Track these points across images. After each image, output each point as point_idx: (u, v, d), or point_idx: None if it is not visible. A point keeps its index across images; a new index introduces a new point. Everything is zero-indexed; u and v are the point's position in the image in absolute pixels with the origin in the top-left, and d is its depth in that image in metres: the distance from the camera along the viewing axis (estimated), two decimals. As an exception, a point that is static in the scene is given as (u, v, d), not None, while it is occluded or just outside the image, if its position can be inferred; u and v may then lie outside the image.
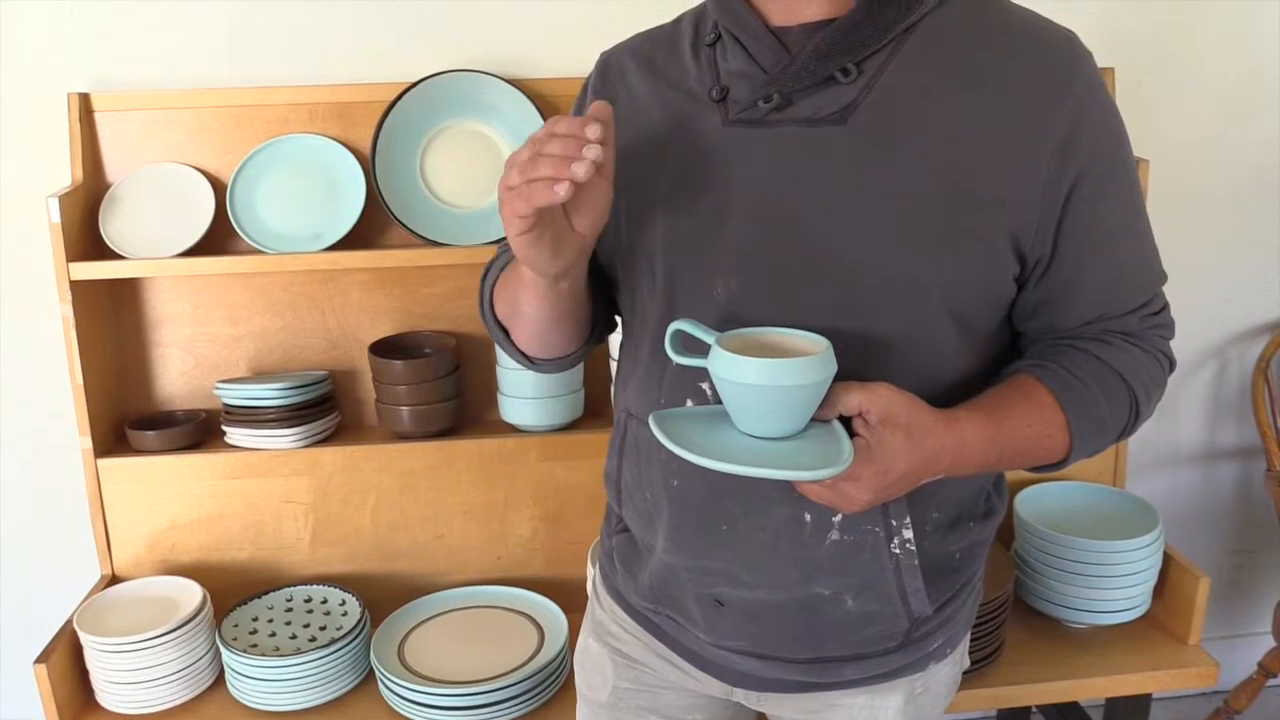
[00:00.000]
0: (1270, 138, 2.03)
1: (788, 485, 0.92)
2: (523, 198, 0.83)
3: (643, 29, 1.09)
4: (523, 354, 1.09)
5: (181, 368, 1.87)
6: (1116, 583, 1.69)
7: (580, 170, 0.81)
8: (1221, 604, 2.30)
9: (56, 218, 1.65)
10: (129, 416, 1.84)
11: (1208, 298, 2.10)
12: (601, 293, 1.08)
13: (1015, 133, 0.89)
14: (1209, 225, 2.06)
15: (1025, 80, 0.89)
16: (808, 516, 0.95)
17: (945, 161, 0.88)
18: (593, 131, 0.81)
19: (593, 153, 0.81)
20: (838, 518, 0.95)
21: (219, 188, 1.78)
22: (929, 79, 0.90)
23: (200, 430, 1.83)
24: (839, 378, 0.86)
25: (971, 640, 1.33)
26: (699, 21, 1.02)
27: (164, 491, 1.79)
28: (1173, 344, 1.02)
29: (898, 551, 0.97)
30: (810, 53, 0.91)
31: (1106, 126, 0.92)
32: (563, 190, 0.81)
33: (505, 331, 1.08)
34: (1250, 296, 2.12)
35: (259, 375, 1.86)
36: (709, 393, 0.95)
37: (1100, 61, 1.88)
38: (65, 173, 1.77)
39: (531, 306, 1.00)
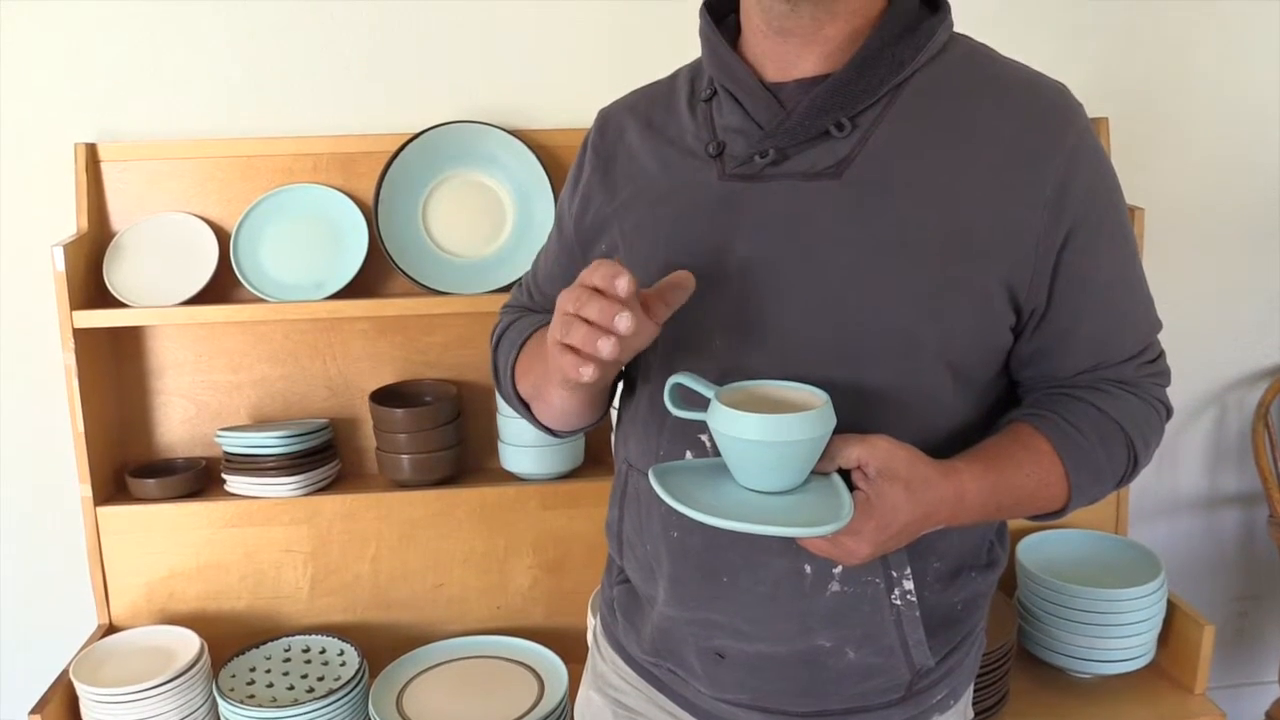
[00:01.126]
0: (1264, 185, 2.05)
1: (788, 538, 0.92)
2: (556, 368, 0.86)
3: (641, 81, 1.11)
4: (545, 427, 1.10)
5: (183, 415, 1.87)
6: (1121, 631, 1.68)
7: (606, 349, 0.81)
8: (1227, 652, 2.28)
9: (61, 266, 1.66)
10: (129, 464, 1.84)
11: (1206, 344, 2.10)
12: None
13: (1009, 185, 0.90)
14: (1206, 272, 2.07)
15: (1018, 133, 0.91)
16: (808, 568, 0.95)
17: (940, 214, 0.89)
18: (622, 286, 0.81)
19: (623, 324, 0.81)
20: (838, 569, 0.95)
21: (223, 237, 1.79)
22: (922, 133, 0.91)
23: (200, 478, 1.83)
24: (837, 430, 0.86)
25: (975, 691, 1.32)
26: (695, 78, 1.04)
27: (163, 540, 1.78)
28: (1172, 390, 1.02)
29: (899, 603, 0.97)
30: (805, 108, 0.92)
31: (1099, 178, 0.93)
32: (589, 373, 0.83)
33: (526, 404, 1.09)
34: (1249, 342, 2.13)
35: (260, 423, 1.86)
36: (708, 444, 0.95)
37: (1094, 111, 1.92)
38: (70, 222, 1.78)
39: (560, 400, 1.01)
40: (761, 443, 0.82)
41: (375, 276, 1.82)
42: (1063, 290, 0.93)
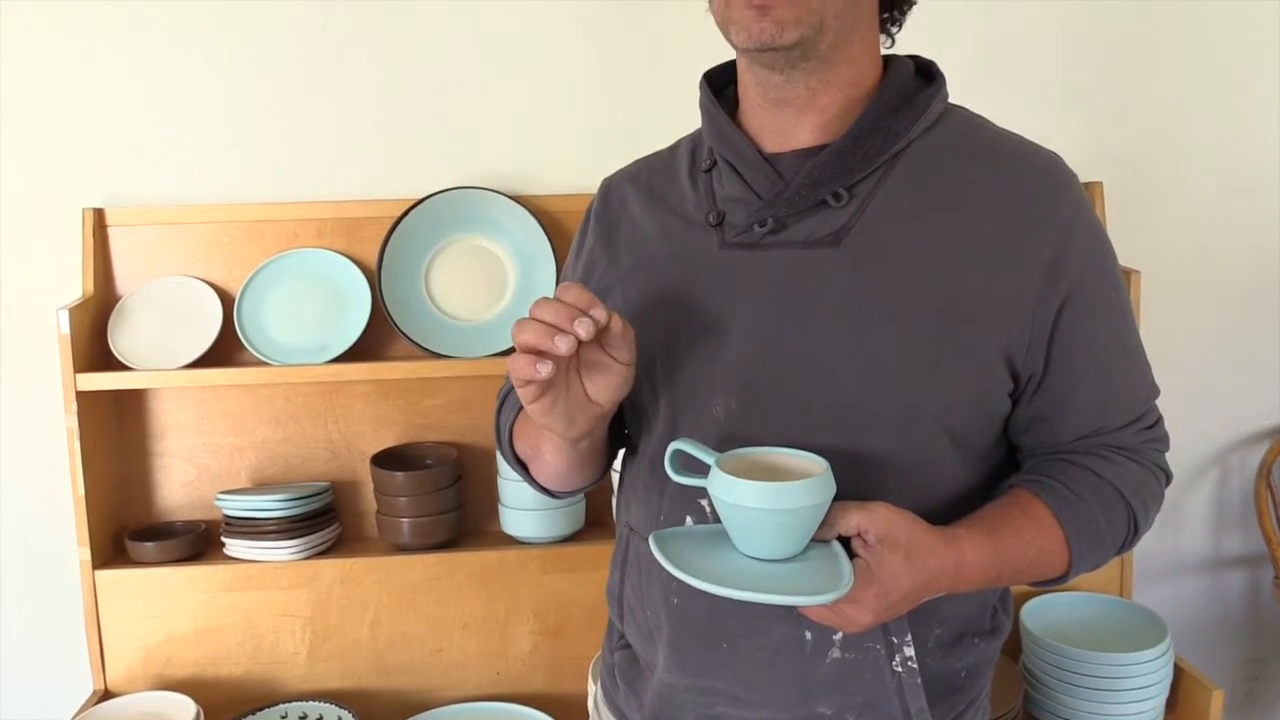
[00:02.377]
0: (1260, 244, 2.06)
1: (789, 606, 0.91)
2: (511, 369, 0.85)
3: (643, 149, 1.13)
4: (543, 488, 1.11)
5: (183, 478, 1.87)
6: (1128, 696, 1.66)
7: (563, 346, 0.81)
8: (1237, 716, 2.25)
9: (66, 329, 1.68)
10: (129, 527, 1.83)
11: (1207, 405, 2.11)
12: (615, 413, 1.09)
13: (1004, 253, 0.91)
14: (1205, 333, 2.08)
15: (1012, 202, 0.92)
16: (808, 634, 0.95)
17: (937, 282, 0.91)
18: (584, 328, 0.81)
19: (583, 328, 0.81)
20: (838, 635, 0.95)
21: (227, 300, 1.81)
22: (918, 202, 0.93)
23: (199, 542, 1.82)
24: (837, 496, 0.86)
25: (980, 759, 1.30)
26: (695, 148, 1.05)
27: (161, 604, 1.77)
28: (1173, 451, 1.03)
29: (900, 669, 0.96)
30: (803, 178, 0.94)
31: (1093, 245, 0.95)
32: (545, 370, 0.82)
33: (524, 466, 1.10)
34: (1249, 402, 2.13)
35: (260, 486, 1.86)
36: (709, 510, 0.95)
37: (1088, 175, 1.95)
38: (76, 285, 1.80)
39: (551, 457, 1.02)
40: (762, 510, 0.82)
41: (378, 339, 1.83)
42: (1060, 356, 0.94)
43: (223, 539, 1.79)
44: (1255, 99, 2.01)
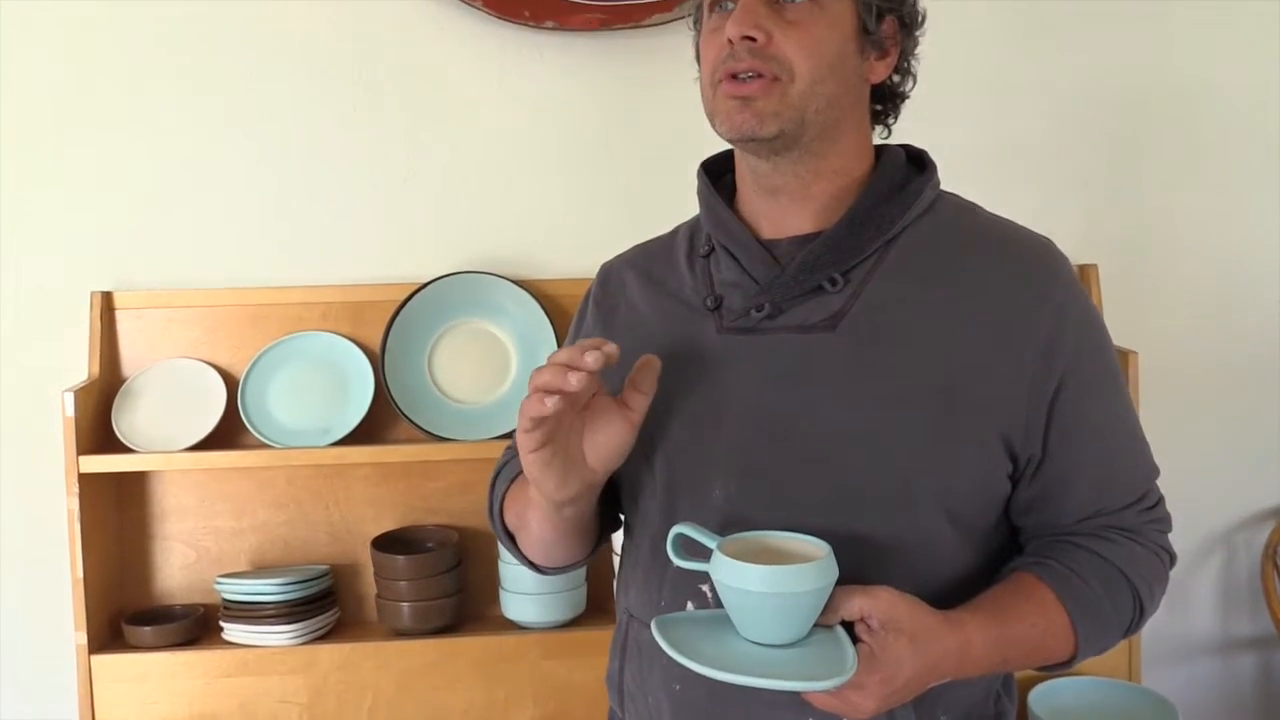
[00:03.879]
0: (1257, 323, 2.08)
1: (792, 691, 0.91)
2: (522, 410, 0.88)
3: (642, 233, 1.15)
4: (530, 561, 1.10)
5: (183, 561, 1.86)
6: (1139, 784, 1.63)
7: (574, 380, 0.84)
8: (1252, 805, 2.20)
9: (71, 411, 1.69)
10: (126, 611, 1.82)
11: (1209, 484, 2.10)
12: (607, 492, 1.10)
13: (999, 337, 0.93)
14: (1204, 412, 2.08)
15: (1006, 287, 0.94)
16: (812, 721, 0.94)
17: (933, 366, 0.92)
18: (593, 358, 0.85)
19: (590, 359, 0.84)
20: (842, 721, 0.94)
21: (232, 383, 1.82)
22: (913, 287, 0.95)
23: (197, 626, 1.80)
24: (839, 580, 0.86)
25: None
26: (694, 234, 1.08)
27: (157, 689, 1.75)
28: (1177, 532, 1.02)
29: (905, 756, 0.95)
30: (799, 264, 0.96)
31: (1087, 327, 0.96)
32: (552, 403, 0.85)
33: (513, 538, 1.10)
34: (1251, 481, 2.12)
35: (260, 570, 1.85)
36: (710, 595, 0.95)
37: (1083, 259, 1.97)
38: (83, 367, 1.82)
39: (537, 525, 1.02)
40: (764, 594, 0.82)
41: (380, 422, 1.84)
42: (1058, 438, 0.94)
43: (221, 623, 1.78)
44: (1248, 180, 2.05)
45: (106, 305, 1.82)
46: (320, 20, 1.85)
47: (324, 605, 1.81)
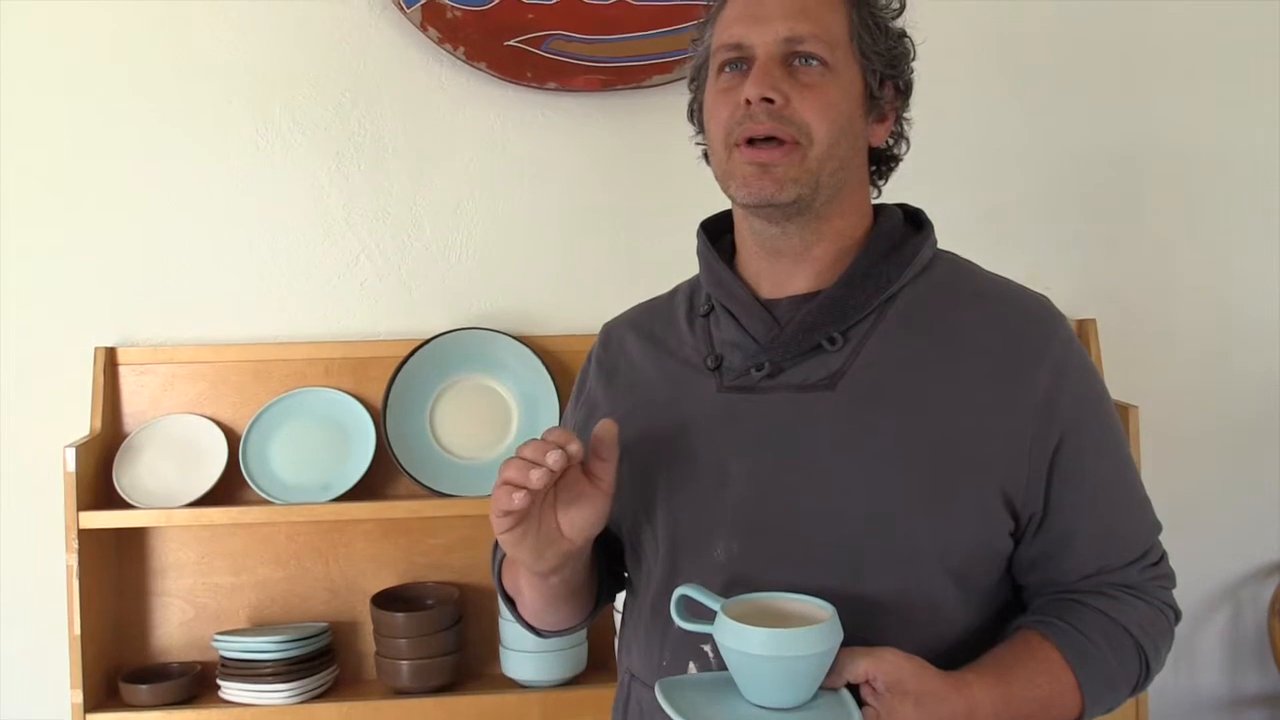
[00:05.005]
0: (1257, 376, 2.08)
1: (796, 755, 0.90)
2: (492, 501, 0.90)
3: (642, 288, 1.17)
4: (529, 624, 1.11)
5: (181, 617, 1.85)
6: None
7: (535, 477, 0.86)
8: None
9: (72, 467, 1.68)
10: (123, 668, 1.80)
11: (1215, 539, 2.08)
12: (609, 551, 1.09)
13: (998, 395, 0.93)
14: (1207, 466, 2.08)
15: (1003, 345, 0.95)
16: (817, 785, 0.92)
17: (932, 424, 0.92)
18: (572, 448, 0.87)
19: (552, 458, 0.86)
20: (847, 785, 0.92)
21: (233, 438, 1.82)
22: (911, 345, 0.95)
23: (194, 684, 1.78)
24: (843, 641, 0.85)
25: None
26: (693, 294, 1.09)
27: (151, 751, 1.73)
28: (1182, 588, 1.02)
29: (911, 820, 0.93)
30: (798, 324, 0.97)
31: (1085, 384, 0.97)
32: (519, 499, 0.87)
33: (512, 602, 1.10)
34: (1255, 536, 2.11)
35: (258, 626, 1.84)
36: (712, 656, 0.94)
37: (1081, 313, 1.98)
38: (85, 422, 1.82)
39: (528, 592, 1.03)
40: (768, 657, 0.82)
41: (381, 478, 1.84)
42: (1059, 495, 0.94)
43: (219, 681, 1.76)
44: (1245, 231, 2.06)
45: (109, 361, 1.83)
46: (324, 80, 1.88)
47: (323, 663, 1.79)
